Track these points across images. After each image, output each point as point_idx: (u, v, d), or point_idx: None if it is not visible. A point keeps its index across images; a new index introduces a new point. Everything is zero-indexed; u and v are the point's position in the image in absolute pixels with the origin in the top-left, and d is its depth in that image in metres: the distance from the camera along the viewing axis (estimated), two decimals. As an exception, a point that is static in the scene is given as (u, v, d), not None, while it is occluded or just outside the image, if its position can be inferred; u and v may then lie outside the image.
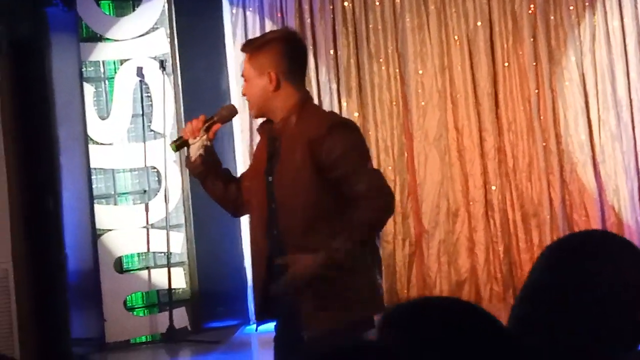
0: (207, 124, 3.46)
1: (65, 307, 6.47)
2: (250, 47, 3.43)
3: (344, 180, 3.27)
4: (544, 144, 7.33)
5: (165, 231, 6.85)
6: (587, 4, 7.37)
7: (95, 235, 6.82)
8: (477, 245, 7.26)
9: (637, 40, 7.29)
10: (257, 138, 7.12)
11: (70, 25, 6.99)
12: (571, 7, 7.37)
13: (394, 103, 7.37)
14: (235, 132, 7.32)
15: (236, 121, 7.29)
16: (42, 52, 6.75)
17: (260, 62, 3.36)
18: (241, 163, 7.28)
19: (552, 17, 7.40)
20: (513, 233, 7.29)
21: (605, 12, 7.35)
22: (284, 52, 3.39)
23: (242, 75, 3.43)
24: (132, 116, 7.03)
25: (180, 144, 3.50)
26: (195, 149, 3.48)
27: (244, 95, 3.44)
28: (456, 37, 7.42)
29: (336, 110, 7.32)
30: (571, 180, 7.30)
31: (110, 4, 7.13)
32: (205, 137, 3.46)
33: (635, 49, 7.29)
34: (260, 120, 3.53)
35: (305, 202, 3.30)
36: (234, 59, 7.31)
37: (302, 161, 3.30)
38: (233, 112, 3.58)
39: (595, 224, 7.22)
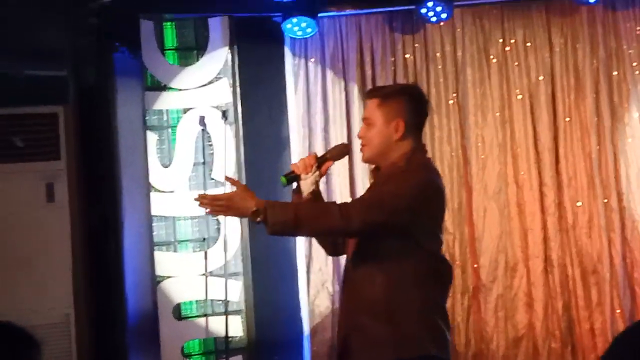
0: (319, 161, 3.51)
1: (124, 353, 6.52)
2: (381, 93, 3.56)
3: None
4: (605, 200, 7.27)
5: (223, 279, 6.89)
6: (650, 59, 7.34)
7: (154, 281, 6.88)
8: (535, 301, 7.19)
9: (701, 97, 7.23)
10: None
11: (136, 73, 7.10)
12: (634, 64, 7.34)
13: (454, 155, 7.37)
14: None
15: (296, 171, 7.35)
16: (108, 99, 6.87)
17: (390, 110, 3.48)
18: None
19: (615, 73, 7.37)
20: (572, 290, 7.22)
21: (669, 68, 7.31)
22: (413, 104, 3.54)
23: (365, 118, 3.52)
24: (194, 164, 7.11)
25: (291, 178, 3.55)
26: (309, 184, 3.54)
27: (361, 137, 3.52)
28: (518, 91, 7.42)
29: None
30: (632, 238, 7.22)
31: (175, 53, 7.25)
32: (317, 173, 3.50)
33: (699, 106, 7.23)
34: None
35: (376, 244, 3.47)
36: (295, 108, 7.39)
37: None
38: (345, 150, 3.66)
39: (657, 283, 7.14)
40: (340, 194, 7.34)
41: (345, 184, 7.35)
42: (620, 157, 7.30)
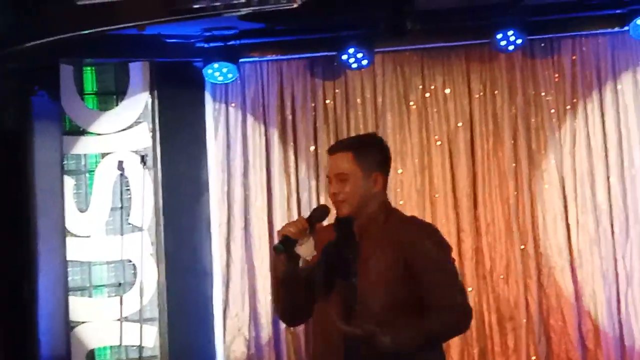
0: (310, 224, 3.35)
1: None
2: (354, 146, 3.44)
3: (438, 286, 3.31)
4: (522, 246, 7.31)
5: (138, 324, 6.85)
6: (568, 107, 7.40)
7: (68, 326, 6.83)
8: (452, 348, 7.18)
9: (618, 145, 7.30)
10: (235, 230, 7.20)
11: (54, 117, 7.09)
12: (552, 110, 7.40)
13: (373, 201, 7.37)
14: (213, 226, 7.35)
15: (214, 214, 7.35)
16: (26, 142, 6.87)
17: (366, 163, 3.40)
18: (217, 257, 7.31)
19: (533, 120, 7.43)
20: (488, 336, 7.23)
21: (587, 116, 7.37)
22: (384, 155, 3.49)
23: (339, 174, 3.38)
24: (111, 209, 7.10)
25: (289, 244, 3.32)
26: (310, 249, 3.36)
27: (337, 193, 3.38)
28: (437, 137, 7.46)
29: (314, 207, 7.35)
30: (548, 284, 7.25)
31: (94, 98, 7.26)
32: (312, 236, 3.38)
33: (616, 153, 7.29)
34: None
35: (390, 302, 3.32)
36: (215, 153, 7.40)
37: (392, 261, 3.33)
38: (326, 211, 3.52)
39: (572, 329, 7.16)
40: (259, 239, 7.34)
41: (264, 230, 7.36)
42: (537, 203, 7.34)
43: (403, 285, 3.33)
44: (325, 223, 3.49)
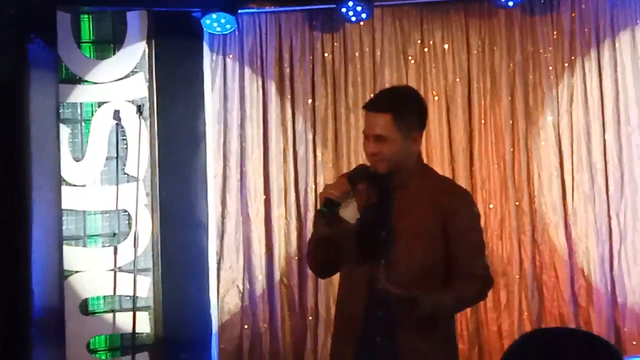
0: (352, 185, 3.33)
1: (28, 347, 6.47)
2: (396, 107, 3.39)
3: (465, 254, 3.39)
4: (517, 203, 7.33)
5: (132, 275, 6.86)
6: (566, 64, 7.39)
7: (62, 275, 6.83)
8: (444, 302, 7.22)
9: (615, 103, 7.30)
10: (231, 182, 7.21)
11: (50, 65, 7.02)
12: (550, 67, 7.39)
13: (370, 155, 7.37)
14: (209, 178, 7.34)
15: (210, 166, 7.34)
16: (21, 90, 6.81)
17: (406, 125, 3.38)
18: (213, 208, 7.31)
19: (530, 77, 7.42)
20: (481, 291, 7.26)
21: (584, 74, 7.36)
22: (423, 114, 3.47)
23: (377, 135, 3.35)
24: (107, 159, 7.06)
25: (333, 206, 3.27)
26: (353, 211, 3.33)
27: (375, 154, 3.36)
28: (434, 92, 7.44)
29: (311, 160, 7.37)
30: (542, 241, 7.28)
31: (91, 47, 7.19)
32: (354, 198, 3.34)
33: (613, 111, 7.30)
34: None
35: (424, 260, 3.36)
36: (212, 104, 7.37)
37: (429, 222, 3.38)
38: (366, 171, 3.42)
39: (564, 286, 7.20)
40: (254, 191, 7.35)
41: (260, 182, 7.36)
42: (533, 161, 7.35)
43: (436, 244, 3.38)
44: None
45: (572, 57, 7.38)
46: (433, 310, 3.29)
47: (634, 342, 7.15)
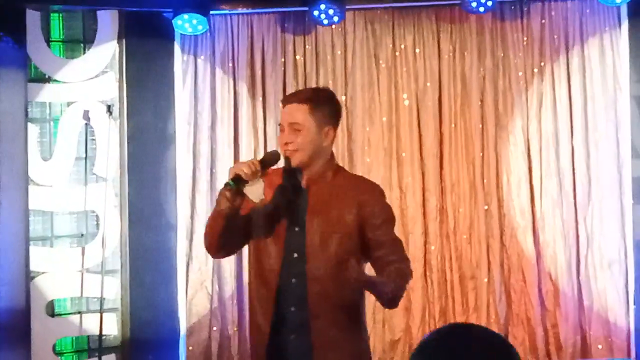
0: (262, 167, 3.45)
1: (-7, 348, 6.41)
2: (312, 99, 3.55)
3: (386, 243, 3.51)
4: (486, 207, 7.38)
5: (100, 276, 6.81)
6: (535, 70, 7.45)
7: (28, 276, 6.76)
8: (413, 305, 7.26)
9: (583, 109, 7.37)
10: (200, 183, 7.18)
11: (19, 64, 6.97)
12: (520, 73, 7.44)
13: (340, 158, 7.39)
14: (179, 179, 7.30)
15: (180, 167, 7.31)
16: (-11, 88, 6.75)
17: (321, 117, 3.52)
18: (182, 209, 7.27)
19: (500, 82, 7.46)
20: (450, 295, 7.30)
21: (554, 80, 7.43)
22: (339, 110, 3.66)
23: (293, 123, 3.48)
24: (75, 159, 7.01)
25: (240, 183, 3.43)
26: (259, 191, 3.46)
27: (289, 143, 3.47)
28: (405, 96, 7.46)
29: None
30: (510, 245, 7.33)
31: (61, 45, 7.13)
32: (262, 179, 3.47)
33: (581, 117, 7.36)
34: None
35: (338, 254, 3.45)
36: (182, 105, 7.34)
37: (343, 217, 3.50)
38: (277, 157, 3.55)
39: (532, 289, 7.25)
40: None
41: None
42: (502, 165, 7.40)
43: (351, 239, 3.49)
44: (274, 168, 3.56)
45: (542, 63, 7.44)
46: (392, 294, 3.39)
47: (600, 346, 7.22)
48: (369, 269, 3.56)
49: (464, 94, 7.47)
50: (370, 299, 3.55)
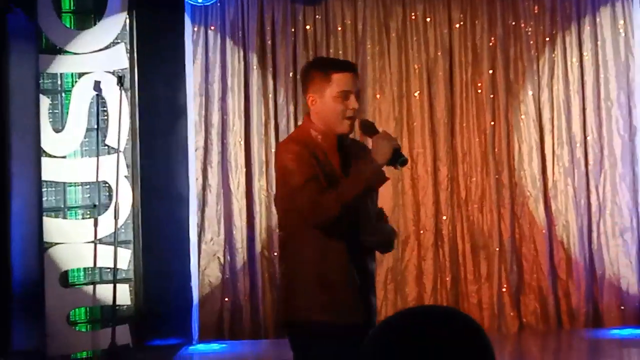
0: None
1: (7, 318, 6.44)
2: (356, 69, 3.84)
3: None
4: (497, 176, 7.37)
5: (112, 247, 6.84)
6: (547, 39, 7.42)
7: (42, 247, 6.79)
8: (425, 274, 7.28)
9: (595, 77, 7.35)
10: (212, 154, 7.17)
11: (30, 36, 6.96)
12: (531, 42, 7.42)
13: (351, 128, 7.37)
14: (190, 150, 7.31)
15: (191, 138, 7.32)
16: (0, 60, 6.73)
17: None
18: (194, 181, 7.29)
19: (512, 51, 7.44)
20: (462, 264, 7.32)
21: (565, 48, 7.40)
22: None
23: (357, 92, 3.70)
24: (87, 130, 7.01)
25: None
26: None
27: (354, 110, 3.66)
28: (416, 66, 7.45)
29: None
30: (522, 214, 7.33)
31: (72, 17, 7.12)
32: None
33: (593, 85, 7.34)
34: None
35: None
36: (193, 76, 7.34)
37: None
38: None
39: (544, 259, 7.26)
40: (235, 164, 7.34)
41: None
42: (514, 134, 7.39)
43: None
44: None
45: (553, 32, 7.41)
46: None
47: (612, 314, 7.23)
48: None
49: (475, 63, 7.45)
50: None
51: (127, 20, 7.14)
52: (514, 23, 7.43)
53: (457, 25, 7.45)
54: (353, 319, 3.66)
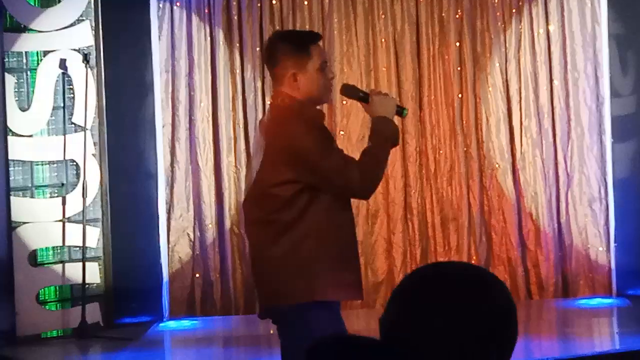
0: None
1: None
2: None
3: None
4: (466, 149, 7.39)
5: (81, 225, 6.82)
6: (514, 10, 7.42)
7: (10, 227, 6.76)
8: (394, 248, 7.30)
9: (562, 48, 7.36)
10: (180, 131, 7.15)
11: (-6, 14, 6.91)
12: (498, 13, 7.42)
13: (319, 102, 7.36)
14: (158, 127, 7.29)
15: (158, 115, 7.30)
16: (-36, 40, 6.69)
17: None
18: (162, 158, 7.27)
19: (478, 23, 7.44)
20: (431, 236, 7.35)
21: (532, 19, 7.40)
22: None
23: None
24: (53, 108, 6.97)
25: None
26: None
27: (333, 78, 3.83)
28: (383, 40, 7.44)
29: (260, 108, 7.36)
30: (491, 186, 7.36)
31: (36, -5, 7.06)
32: None
33: (560, 57, 7.36)
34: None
35: None
36: (159, 53, 7.30)
37: None
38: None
39: (513, 230, 7.30)
40: (204, 140, 7.31)
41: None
42: (481, 106, 7.40)
43: None
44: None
45: (520, 3, 7.42)
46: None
47: (581, 284, 7.28)
48: None
49: (442, 36, 7.44)
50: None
51: (92, -3, 7.08)
52: (480, -5, 7.43)
53: (424, -2, 7.44)
54: (362, 293, 3.77)
